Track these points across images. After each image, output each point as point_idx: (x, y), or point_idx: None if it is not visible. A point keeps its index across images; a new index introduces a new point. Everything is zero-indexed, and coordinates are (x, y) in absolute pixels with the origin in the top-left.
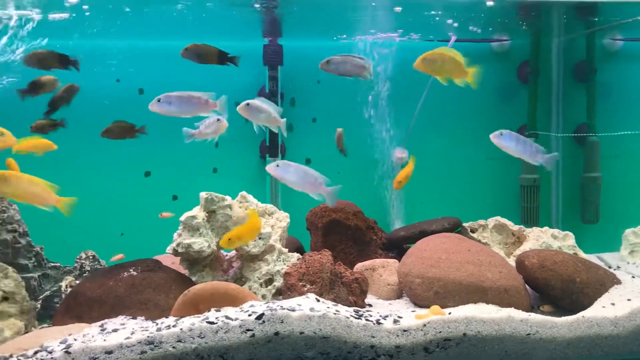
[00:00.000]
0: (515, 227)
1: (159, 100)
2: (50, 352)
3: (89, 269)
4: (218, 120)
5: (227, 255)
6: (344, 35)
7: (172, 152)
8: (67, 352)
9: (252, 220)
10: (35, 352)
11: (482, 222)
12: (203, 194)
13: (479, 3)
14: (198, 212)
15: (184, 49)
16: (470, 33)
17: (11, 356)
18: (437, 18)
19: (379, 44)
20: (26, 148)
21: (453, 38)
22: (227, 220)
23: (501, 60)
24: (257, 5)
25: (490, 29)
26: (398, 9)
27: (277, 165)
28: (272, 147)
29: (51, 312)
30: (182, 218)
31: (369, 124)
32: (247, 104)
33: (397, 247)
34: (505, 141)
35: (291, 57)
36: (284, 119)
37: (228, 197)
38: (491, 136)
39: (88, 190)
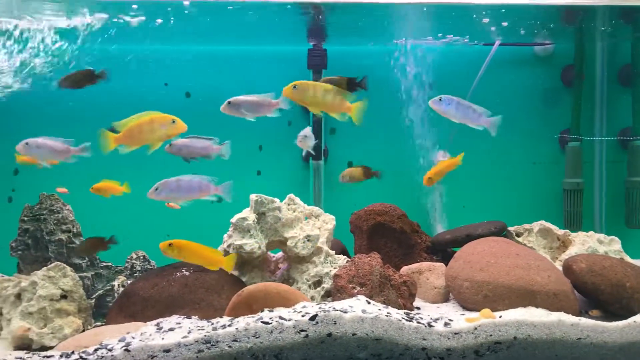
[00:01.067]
0: (560, 232)
1: (229, 103)
2: (110, 350)
3: (139, 268)
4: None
5: (274, 256)
6: (388, 40)
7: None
8: (127, 350)
9: (207, 253)
10: (96, 350)
11: (527, 226)
12: (253, 196)
13: (522, 7)
14: (248, 214)
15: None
16: (514, 37)
17: (73, 353)
18: (481, 22)
19: (421, 48)
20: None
21: (497, 42)
22: (277, 222)
23: (545, 64)
24: (302, 12)
25: (534, 32)
26: (440, 13)
27: (440, 100)
28: (315, 150)
29: (104, 310)
30: (233, 219)
31: (411, 127)
32: (229, 102)
33: (441, 250)
34: (445, 106)
35: (335, 60)
36: (280, 99)
37: (277, 200)
38: (430, 103)
39: (136, 191)
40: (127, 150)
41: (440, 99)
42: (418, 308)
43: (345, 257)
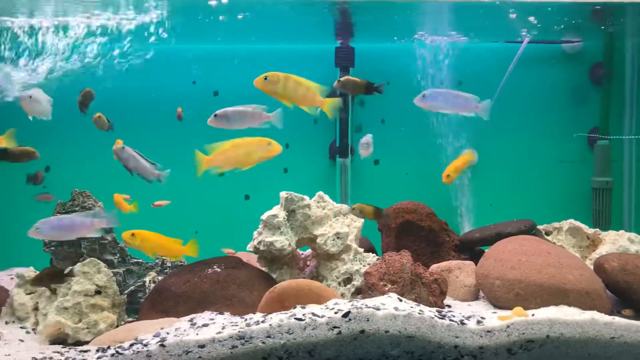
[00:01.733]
0: (590, 231)
1: (215, 116)
2: (145, 345)
3: (169, 265)
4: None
5: (302, 254)
6: (414, 36)
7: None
8: (162, 345)
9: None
10: (131, 345)
11: (556, 224)
12: (283, 194)
13: (551, 5)
14: (278, 211)
15: (337, 81)
16: (542, 34)
17: (109, 348)
18: (509, 20)
19: (449, 45)
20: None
21: (526, 40)
22: (306, 220)
23: (573, 62)
24: (329, 10)
25: (562, 30)
26: (469, 10)
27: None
28: (341, 148)
29: (136, 306)
30: (264, 217)
31: (437, 125)
32: (215, 115)
33: (469, 249)
34: (431, 100)
35: (362, 58)
36: (272, 114)
37: (307, 197)
38: (415, 101)
39: (164, 188)
40: (218, 171)
41: (423, 95)
42: (448, 306)
43: (374, 254)
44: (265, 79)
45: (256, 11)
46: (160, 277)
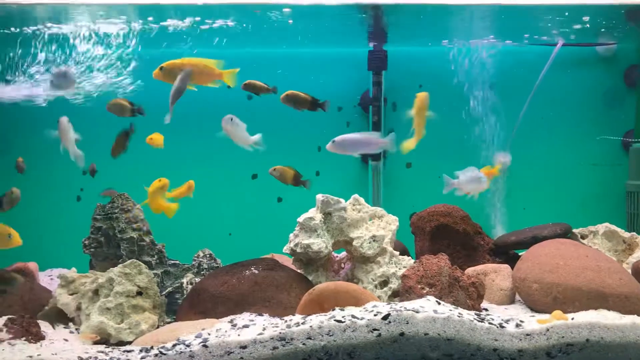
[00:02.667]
0: (626, 234)
1: (333, 142)
2: (188, 346)
3: (206, 266)
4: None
5: (337, 256)
6: (447, 39)
7: (277, 156)
8: (205, 346)
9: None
10: (174, 345)
11: (592, 228)
12: (319, 196)
13: (585, 7)
14: (315, 214)
15: (284, 94)
16: (576, 37)
17: (152, 348)
18: (543, 23)
19: (482, 48)
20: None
21: (560, 43)
22: (342, 222)
23: (607, 64)
24: (362, 14)
25: (596, 32)
26: (502, 14)
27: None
28: None
29: (173, 307)
30: (300, 219)
31: (470, 128)
32: (333, 142)
33: (504, 252)
34: (339, 146)
35: (394, 62)
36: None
37: (342, 200)
38: (327, 147)
39: (199, 191)
40: None
41: (333, 141)
42: (485, 309)
43: (409, 257)
44: (162, 69)
45: (289, 15)
46: (197, 279)
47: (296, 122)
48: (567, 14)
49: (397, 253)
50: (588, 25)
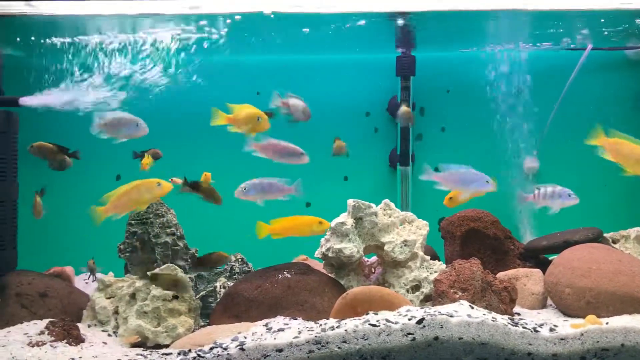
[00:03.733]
0: None
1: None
2: (225, 349)
3: (238, 270)
4: None
5: (367, 261)
6: (476, 45)
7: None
8: (242, 349)
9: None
10: (211, 348)
11: (623, 232)
12: (351, 201)
13: (613, 12)
14: (346, 219)
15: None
16: (605, 41)
17: (190, 351)
18: (573, 28)
19: (510, 53)
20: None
21: (589, 47)
22: (373, 227)
23: (637, 68)
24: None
25: (627, 36)
26: (532, 19)
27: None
28: (402, 156)
29: (206, 310)
30: (332, 224)
31: (498, 133)
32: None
33: (534, 257)
34: (250, 192)
35: (422, 67)
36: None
37: (373, 205)
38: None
39: (230, 196)
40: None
41: (244, 188)
42: (518, 314)
43: (440, 262)
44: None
45: (318, 22)
46: (230, 283)
47: (325, 128)
48: (602, 20)
49: (428, 258)
50: (621, 28)
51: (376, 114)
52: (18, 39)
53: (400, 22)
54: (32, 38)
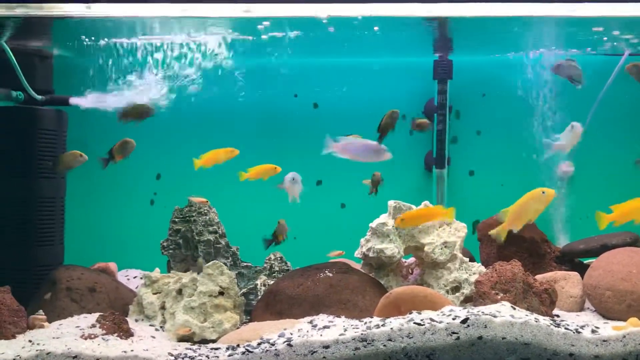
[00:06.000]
0: None
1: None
2: (272, 344)
3: (277, 269)
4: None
5: (405, 262)
6: (513, 50)
7: (341, 163)
8: (289, 345)
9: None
10: (259, 344)
11: None
12: (391, 202)
13: None
14: (387, 220)
15: None
16: None
17: (238, 346)
18: (611, 34)
19: (548, 58)
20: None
21: (626, 52)
22: (413, 229)
23: None
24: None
25: None
26: (570, 25)
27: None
28: (438, 159)
29: (248, 308)
30: (373, 224)
31: (534, 137)
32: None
33: (570, 260)
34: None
35: (458, 71)
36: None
37: (413, 206)
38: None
39: (267, 197)
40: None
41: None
42: (557, 316)
43: (479, 264)
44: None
45: (355, 25)
46: (270, 281)
47: (360, 129)
48: (635, 23)
49: (467, 259)
50: None
51: (412, 116)
52: (69, 40)
53: (437, 26)
54: (85, 39)
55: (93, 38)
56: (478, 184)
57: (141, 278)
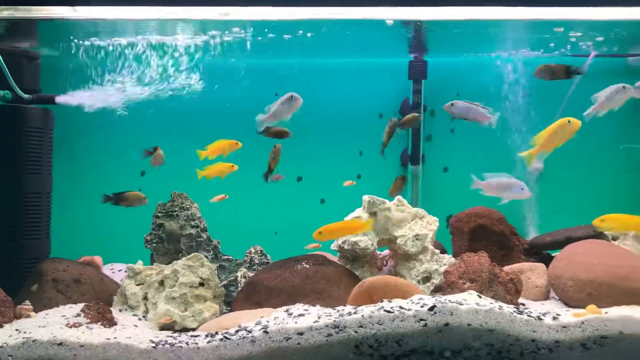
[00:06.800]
0: None
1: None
2: (249, 332)
3: (257, 262)
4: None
5: (380, 254)
6: (484, 52)
7: (321, 160)
8: (265, 332)
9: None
10: (237, 331)
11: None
12: (366, 197)
13: (616, 22)
14: (362, 213)
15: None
16: (607, 49)
17: (217, 333)
18: (575, 36)
19: (517, 59)
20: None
21: (592, 54)
22: (387, 222)
23: (637, 74)
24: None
25: (628, 44)
26: (536, 28)
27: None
28: (413, 156)
29: (229, 299)
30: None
31: (504, 136)
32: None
33: (538, 253)
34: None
35: (433, 71)
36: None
37: (387, 201)
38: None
39: (247, 193)
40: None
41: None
42: (522, 304)
43: (449, 256)
44: None
45: (335, 28)
46: (250, 273)
47: (339, 128)
48: (601, 27)
49: (438, 251)
50: (621, 35)
51: (389, 115)
52: (56, 41)
53: (413, 29)
54: (72, 40)
55: (78, 39)
56: (451, 180)
57: (125, 270)
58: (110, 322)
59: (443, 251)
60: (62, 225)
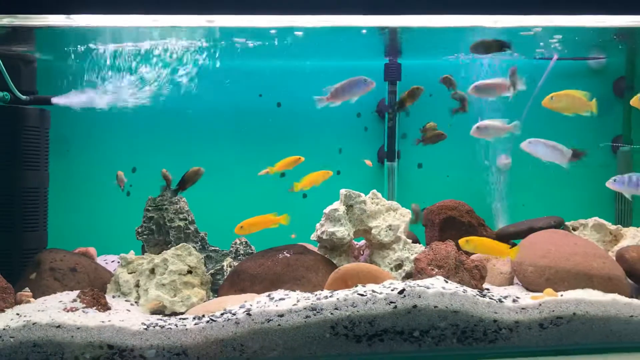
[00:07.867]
0: (612, 227)
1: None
2: (234, 314)
3: (242, 252)
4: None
5: (357, 244)
6: (454, 55)
7: (303, 157)
8: (248, 314)
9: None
10: (222, 314)
11: (582, 221)
12: (343, 191)
13: (578, 28)
14: (339, 206)
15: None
16: (569, 52)
17: (203, 316)
18: (541, 41)
19: (485, 62)
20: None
21: (555, 57)
22: (362, 214)
23: (597, 76)
24: (380, 33)
25: (588, 48)
26: (502, 34)
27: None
28: (389, 153)
29: (215, 287)
30: (326, 210)
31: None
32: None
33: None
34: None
35: (408, 73)
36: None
37: (363, 194)
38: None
39: (235, 189)
40: None
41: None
42: (487, 289)
43: (420, 245)
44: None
45: (314, 35)
46: (235, 263)
47: (320, 127)
48: (564, 32)
49: (410, 241)
50: (582, 43)
51: (366, 114)
52: (51, 45)
53: (388, 33)
54: (66, 45)
55: (73, 44)
56: (425, 175)
57: (118, 261)
58: (105, 307)
59: (415, 241)
60: (59, 219)
